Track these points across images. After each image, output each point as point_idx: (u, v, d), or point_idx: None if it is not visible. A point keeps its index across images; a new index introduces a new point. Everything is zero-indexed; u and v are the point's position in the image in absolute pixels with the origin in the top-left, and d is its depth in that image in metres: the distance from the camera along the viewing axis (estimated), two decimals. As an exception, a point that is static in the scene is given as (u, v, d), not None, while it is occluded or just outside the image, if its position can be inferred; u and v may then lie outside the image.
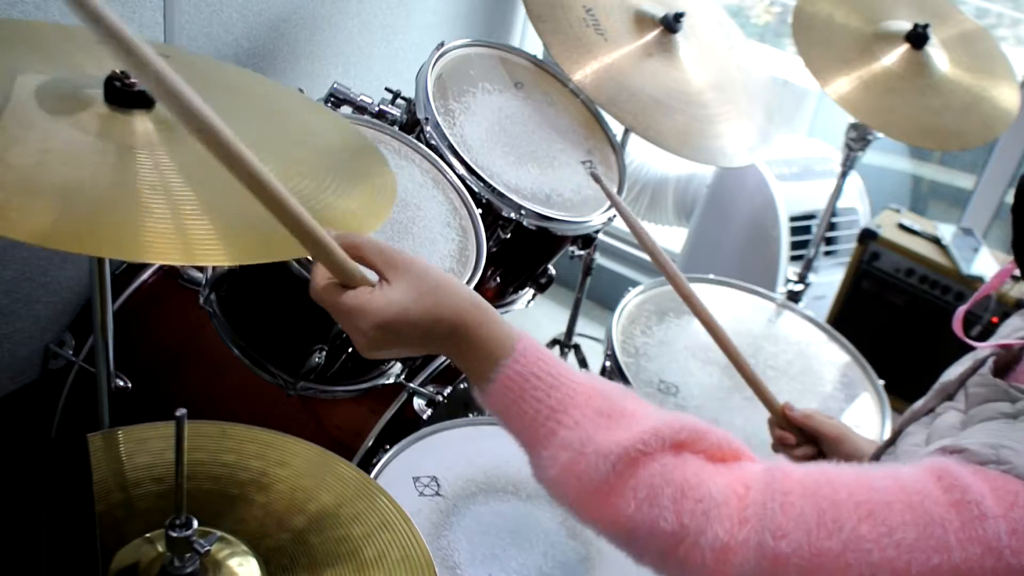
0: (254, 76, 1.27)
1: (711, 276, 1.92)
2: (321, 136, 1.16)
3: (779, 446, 1.17)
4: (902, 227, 2.20)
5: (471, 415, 1.66)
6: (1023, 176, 0.86)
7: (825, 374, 1.76)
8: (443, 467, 1.25)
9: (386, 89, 1.65)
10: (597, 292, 2.39)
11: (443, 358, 1.53)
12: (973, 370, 0.93)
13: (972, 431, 0.81)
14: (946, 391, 0.94)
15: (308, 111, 1.23)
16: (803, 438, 1.16)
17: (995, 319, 1.91)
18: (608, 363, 1.64)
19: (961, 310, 1.01)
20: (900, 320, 2.16)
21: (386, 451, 1.25)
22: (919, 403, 0.99)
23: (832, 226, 2.34)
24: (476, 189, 1.48)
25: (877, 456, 1.04)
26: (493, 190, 1.48)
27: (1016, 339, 0.96)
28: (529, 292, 1.74)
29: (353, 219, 1.00)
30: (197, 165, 0.89)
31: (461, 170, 1.49)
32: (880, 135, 1.85)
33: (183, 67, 1.12)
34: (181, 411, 0.78)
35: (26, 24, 1.22)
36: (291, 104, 1.22)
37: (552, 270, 1.70)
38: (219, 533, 0.90)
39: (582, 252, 1.70)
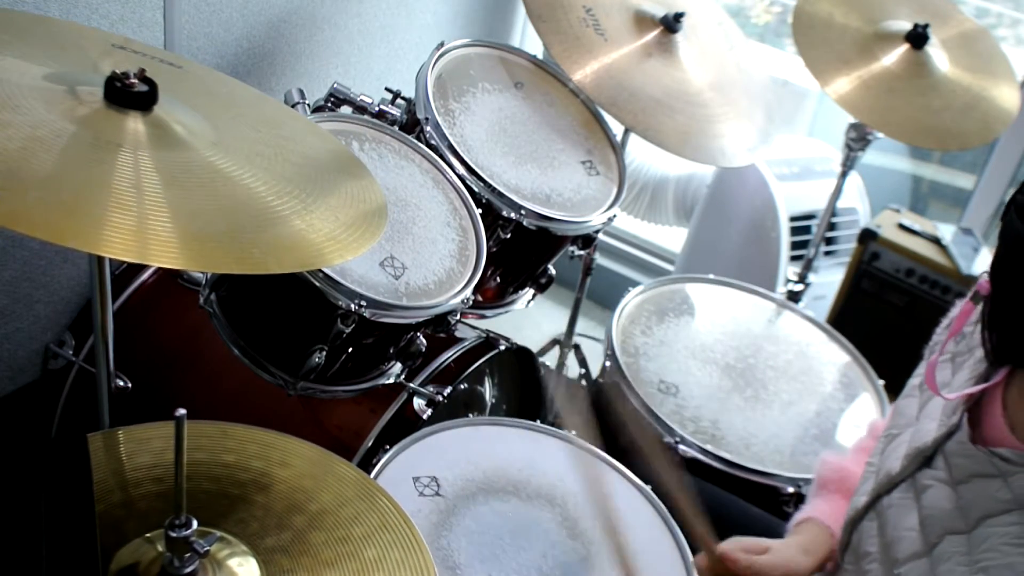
0: (250, 90, 1.28)
1: (711, 276, 1.92)
2: (312, 153, 1.17)
3: None
4: (902, 227, 2.20)
5: (471, 415, 1.66)
6: (1016, 194, 0.85)
7: (825, 374, 1.76)
8: (443, 467, 1.25)
9: (386, 89, 1.65)
10: (597, 292, 2.39)
11: (443, 358, 1.53)
12: (948, 434, 0.93)
13: (993, 561, 0.82)
14: (922, 455, 0.95)
15: (297, 125, 1.24)
16: None
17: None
18: (608, 363, 1.64)
19: (933, 359, 0.99)
20: (900, 320, 2.16)
21: (386, 451, 1.25)
22: (895, 468, 0.98)
23: (832, 226, 2.34)
24: (476, 189, 1.48)
25: (855, 521, 1.02)
26: (493, 190, 1.48)
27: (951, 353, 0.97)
28: (529, 292, 1.74)
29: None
30: (178, 171, 0.92)
31: (461, 170, 1.49)
32: (880, 135, 1.85)
33: (191, 80, 1.13)
34: (181, 411, 0.78)
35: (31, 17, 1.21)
36: (280, 117, 1.23)
37: (552, 270, 1.70)
38: (219, 533, 0.90)
39: (582, 252, 1.70)
